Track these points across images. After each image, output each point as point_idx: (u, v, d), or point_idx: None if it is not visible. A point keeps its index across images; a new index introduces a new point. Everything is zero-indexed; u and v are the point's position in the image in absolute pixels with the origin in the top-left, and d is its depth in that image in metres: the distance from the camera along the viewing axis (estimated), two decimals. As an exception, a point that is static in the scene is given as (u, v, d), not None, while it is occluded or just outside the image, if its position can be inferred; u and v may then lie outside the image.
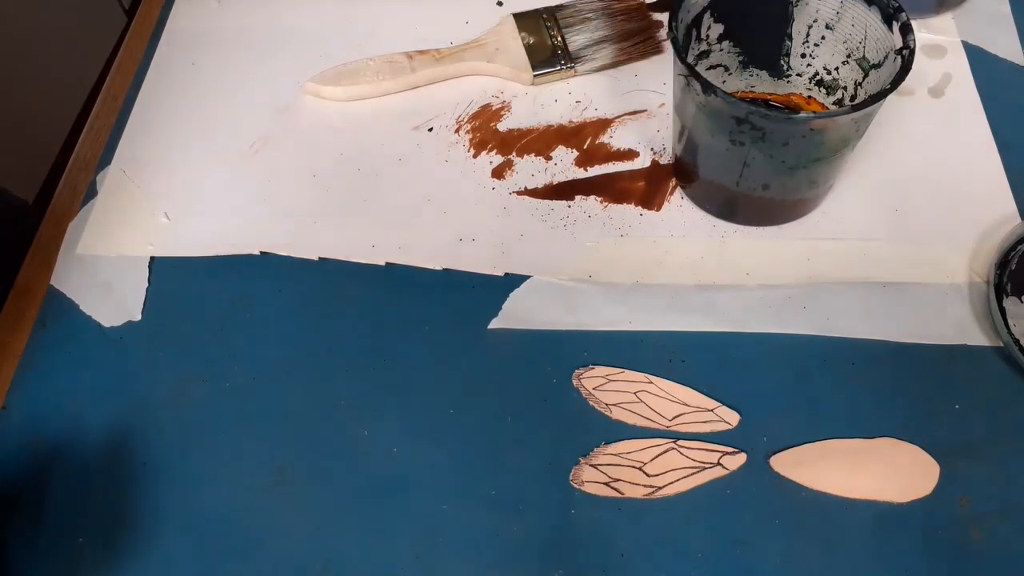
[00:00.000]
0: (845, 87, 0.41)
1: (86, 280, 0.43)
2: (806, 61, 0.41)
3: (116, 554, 0.36)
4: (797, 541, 0.35)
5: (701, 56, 0.41)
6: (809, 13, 0.39)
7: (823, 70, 0.41)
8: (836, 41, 0.40)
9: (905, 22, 0.36)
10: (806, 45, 0.40)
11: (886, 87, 0.34)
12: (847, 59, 0.40)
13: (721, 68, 0.42)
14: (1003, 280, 0.39)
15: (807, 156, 0.37)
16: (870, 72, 0.38)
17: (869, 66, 0.38)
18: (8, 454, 0.38)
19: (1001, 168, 0.44)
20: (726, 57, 0.41)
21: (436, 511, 0.36)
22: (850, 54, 0.39)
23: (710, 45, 0.40)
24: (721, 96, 0.34)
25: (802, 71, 0.42)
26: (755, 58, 0.42)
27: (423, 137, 0.47)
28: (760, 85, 0.43)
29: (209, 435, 0.39)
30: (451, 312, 0.41)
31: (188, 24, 0.53)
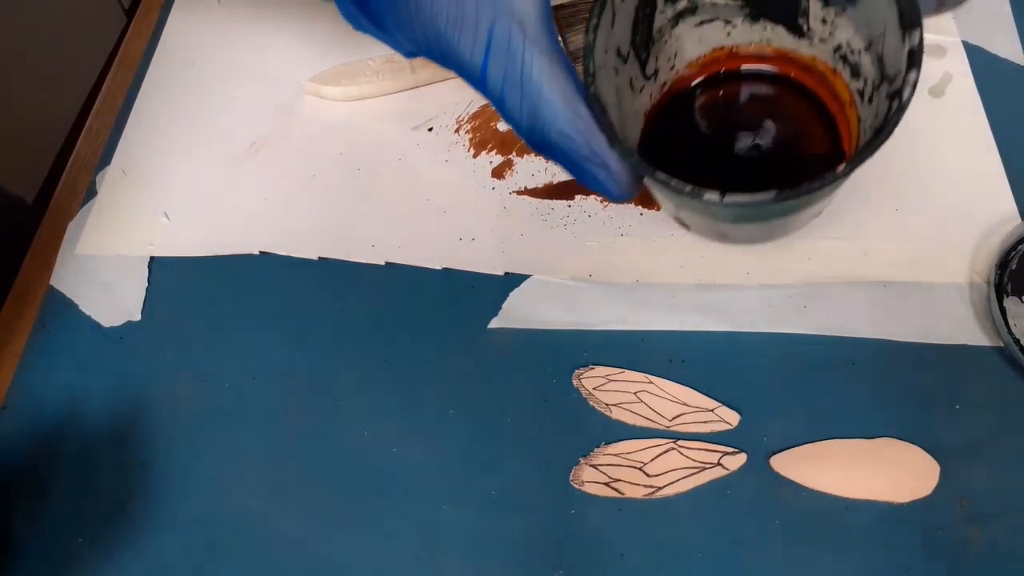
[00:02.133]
0: (866, 80, 0.33)
1: (86, 280, 0.43)
2: (828, 28, 0.34)
3: (116, 554, 0.36)
4: (797, 541, 0.35)
5: (683, 15, 0.34)
6: None
7: (846, 46, 0.34)
8: (857, 20, 0.32)
9: (915, 47, 0.28)
10: (826, 10, 0.33)
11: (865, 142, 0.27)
12: (868, 47, 0.32)
13: (721, 21, 0.35)
14: (1003, 280, 0.39)
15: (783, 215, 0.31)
16: (883, 84, 0.31)
17: (883, 75, 0.31)
18: (8, 454, 0.38)
19: (1001, 168, 0.44)
20: (724, 11, 0.35)
21: (436, 511, 0.36)
22: (871, 43, 0.32)
23: (693, 2, 0.34)
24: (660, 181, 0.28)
25: (825, 37, 0.34)
26: (766, 12, 0.35)
27: (423, 137, 0.47)
28: (778, 40, 0.36)
29: (209, 435, 0.39)
30: (451, 312, 0.41)
31: (188, 24, 0.53)
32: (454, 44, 0.28)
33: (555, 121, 0.28)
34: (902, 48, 0.29)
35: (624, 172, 0.28)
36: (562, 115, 0.28)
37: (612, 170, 0.28)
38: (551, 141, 0.28)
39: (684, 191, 0.27)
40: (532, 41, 0.27)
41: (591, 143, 0.28)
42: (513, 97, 0.28)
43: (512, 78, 0.28)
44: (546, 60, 0.28)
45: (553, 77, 0.28)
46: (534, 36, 0.27)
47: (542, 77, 0.27)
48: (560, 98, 0.28)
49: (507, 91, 0.28)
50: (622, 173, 0.28)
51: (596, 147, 0.28)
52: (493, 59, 0.28)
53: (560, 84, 0.28)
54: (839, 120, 0.35)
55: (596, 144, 0.28)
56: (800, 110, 0.36)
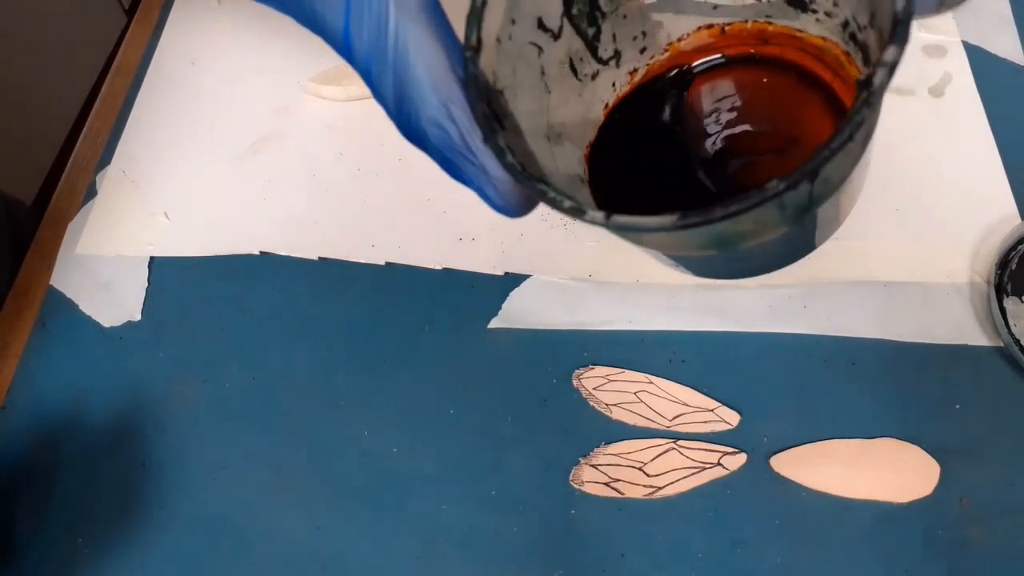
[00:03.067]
0: (872, 60, 0.23)
1: (86, 280, 0.43)
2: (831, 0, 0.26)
3: (116, 554, 0.36)
4: (797, 541, 0.35)
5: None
6: None
7: (853, 21, 0.25)
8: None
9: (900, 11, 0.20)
10: None
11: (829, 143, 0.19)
12: (872, 20, 0.24)
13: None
14: (1003, 280, 0.39)
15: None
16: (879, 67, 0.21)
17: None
18: (8, 454, 0.38)
19: (1001, 168, 0.44)
20: None
21: (436, 511, 0.36)
22: (873, 15, 0.23)
23: None
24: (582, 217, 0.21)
25: (830, 10, 0.26)
26: None
27: (423, 137, 0.47)
28: (779, 15, 0.27)
29: (209, 435, 0.39)
30: (451, 312, 0.41)
31: (188, 24, 0.53)
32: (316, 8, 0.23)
33: (424, 104, 0.23)
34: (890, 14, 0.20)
35: (508, 180, 0.23)
36: (431, 97, 0.22)
37: (491, 174, 0.23)
38: (420, 129, 0.23)
39: (563, 207, 0.21)
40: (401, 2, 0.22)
41: (466, 136, 0.23)
42: (380, 70, 0.23)
43: (379, 44, 0.22)
44: (416, 25, 0.22)
45: (423, 47, 0.22)
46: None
47: (409, 46, 0.22)
48: (429, 75, 0.22)
49: (374, 63, 0.23)
50: (505, 180, 0.23)
51: (472, 142, 0.23)
52: (354, 21, 0.23)
53: (432, 56, 0.22)
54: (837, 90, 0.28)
55: (472, 139, 0.23)
56: (809, 109, 0.28)
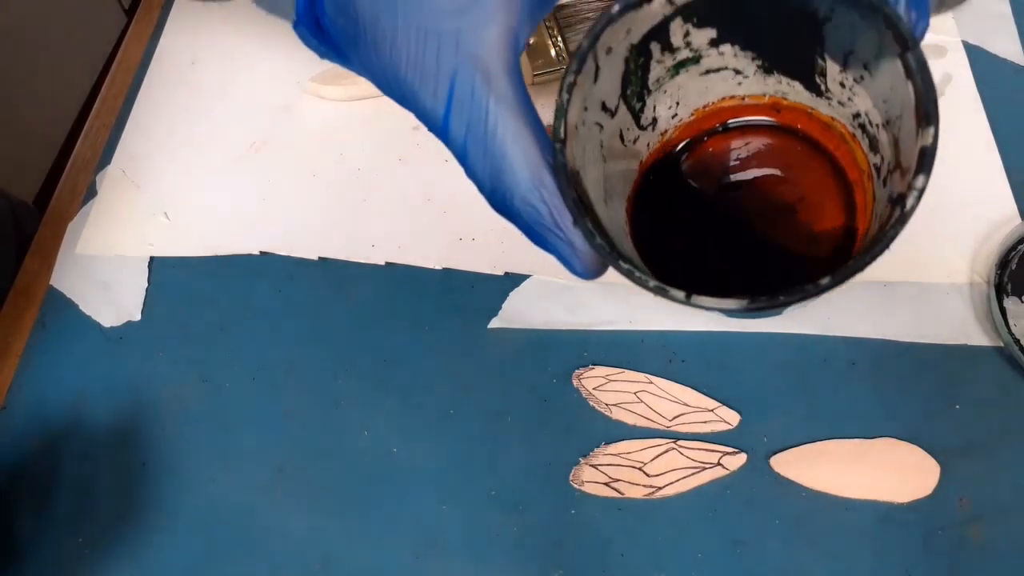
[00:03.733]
0: (883, 158, 0.28)
1: (86, 280, 0.43)
2: (846, 93, 0.29)
3: (116, 554, 0.36)
4: (797, 541, 0.35)
5: (684, 64, 0.30)
6: (841, 40, 0.27)
7: (865, 116, 0.29)
8: (874, 94, 0.28)
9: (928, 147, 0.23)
10: (844, 75, 0.29)
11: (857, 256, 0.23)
12: (886, 124, 0.28)
13: (731, 71, 0.31)
14: (1003, 280, 0.39)
15: None
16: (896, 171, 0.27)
17: (897, 161, 0.27)
18: (8, 454, 0.38)
19: (1001, 168, 0.44)
20: (734, 61, 0.31)
21: (436, 511, 0.36)
22: (888, 121, 0.27)
23: (696, 52, 0.30)
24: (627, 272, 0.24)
25: (844, 101, 0.30)
26: (780, 67, 0.31)
27: (423, 137, 0.47)
28: (794, 95, 0.31)
29: (209, 435, 0.39)
30: (451, 312, 0.41)
31: (188, 24, 0.53)
32: (415, 90, 0.26)
33: (517, 187, 0.25)
34: (915, 143, 0.24)
35: (588, 250, 0.25)
36: (525, 182, 0.25)
37: (577, 247, 0.25)
38: (514, 208, 0.26)
39: (648, 285, 0.24)
40: (497, 95, 0.25)
41: (556, 215, 0.25)
42: (476, 154, 0.25)
43: (476, 134, 0.25)
44: (511, 117, 0.25)
45: (518, 137, 0.25)
46: (499, 90, 0.25)
47: (507, 136, 0.25)
48: (524, 162, 0.25)
49: (470, 147, 0.25)
50: (587, 251, 0.25)
51: (561, 220, 0.25)
52: (455, 111, 0.25)
53: (526, 146, 0.25)
54: (856, 189, 0.31)
55: (561, 217, 0.25)
56: (816, 171, 0.32)
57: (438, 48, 0.25)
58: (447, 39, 0.25)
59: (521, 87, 0.26)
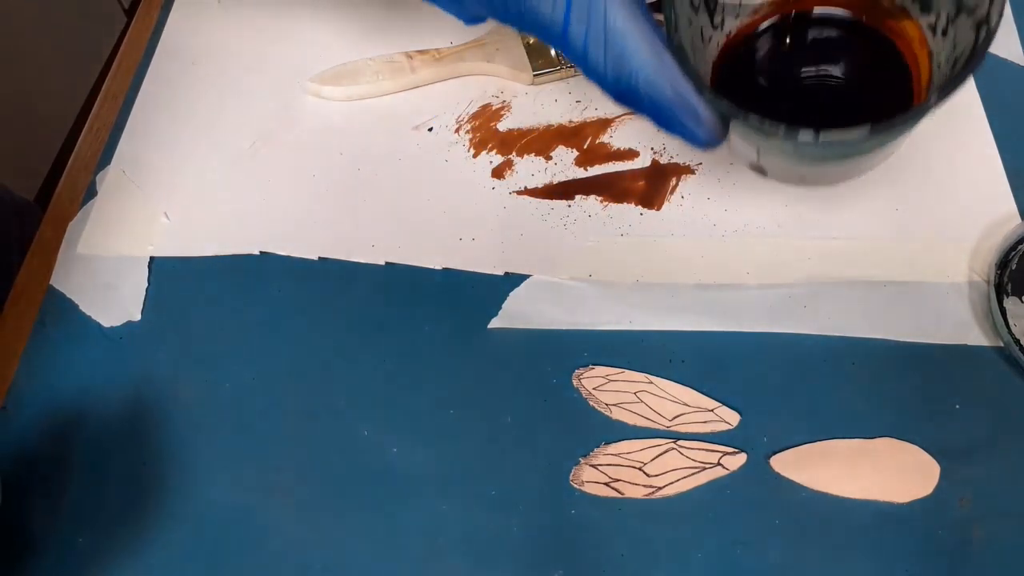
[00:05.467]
0: (939, 12, 0.31)
1: (86, 280, 0.43)
2: None
3: (116, 553, 0.36)
4: (797, 541, 0.35)
5: None
6: None
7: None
8: None
9: None
10: None
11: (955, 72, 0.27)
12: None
13: None
14: (1003, 280, 0.39)
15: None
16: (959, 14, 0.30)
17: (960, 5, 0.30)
18: (8, 454, 0.38)
19: (1001, 168, 0.44)
20: None
21: (436, 511, 0.36)
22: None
23: None
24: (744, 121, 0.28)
25: None
26: None
27: (423, 137, 0.47)
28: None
29: (209, 435, 0.39)
30: (451, 312, 0.41)
31: (188, 24, 0.53)
32: (535, 7, 0.29)
33: (642, 70, 0.28)
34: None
35: (712, 118, 0.29)
36: (648, 64, 0.28)
37: (701, 116, 0.29)
38: (638, 91, 0.29)
39: (777, 132, 0.27)
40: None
41: (679, 90, 0.28)
42: (596, 50, 0.28)
43: (595, 32, 0.28)
44: (625, 9, 0.28)
45: (635, 27, 0.28)
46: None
47: (625, 27, 0.28)
48: (645, 47, 0.28)
49: (590, 45, 0.28)
50: (710, 119, 0.29)
51: (684, 94, 0.28)
52: (575, 16, 0.28)
53: (643, 33, 0.28)
54: (909, 60, 0.35)
55: (684, 91, 0.28)
56: (868, 51, 0.36)
57: None
58: None
59: None
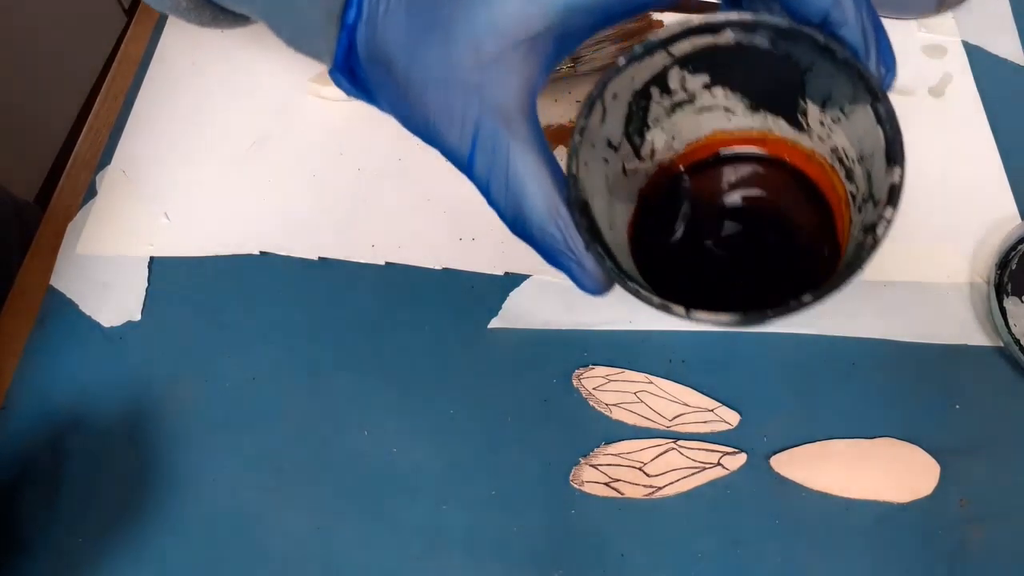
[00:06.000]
0: (858, 187, 0.32)
1: (86, 280, 0.43)
2: (825, 130, 0.33)
3: (116, 553, 0.36)
4: (797, 541, 0.35)
5: (680, 104, 0.34)
6: (820, 87, 0.31)
7: (842, 151, 0.33)
8: (850, 133, 0.32)
9: (896, 184, 0.27)
10: (823, 115, 0.32)
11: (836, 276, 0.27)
12: (860, 160, 0.32)
13: (721, 109, 0.35)
14: (1003, 280, 0.39)
15: None
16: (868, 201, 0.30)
17: (871, 192, 0.30)
18: (8, 454, 0.38)
19: (1001, 168, 0.44)
20: (725, 101, 0.34)
21: (436, 511, 0.36)
22: (863, 157, 0.31)
23: (691, 94, 0.34)
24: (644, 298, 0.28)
25: (823, 137, 0.33)
26: (766, 105, 0.34)
27: (423, 137, 0.47)
28: (779, 130, 0.35)
29: (209, 435, 0.39)
30: (451, 312, 0.41)
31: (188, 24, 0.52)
32: (442, 133, 0.29)
33: (535, 218, 0.29)
34: (885, 180, 0.28)
35: (597, 271, 0.29)
36: (542, 213, 0.28)
37: (587, 268, 0.29)
38: (533, 235, 0.29)
39: (653, 303, 0.28)
40: (517, 139, 0.28)
41: (569, 241, 0.29)
42: (498, 189, 0.29)
43: (498, 172, 0.28)
44: (530, 157, 0.28)
45: (536, 175, 0.28)
46: (519, 134, 0.28)
47: (526, 175, 0.28)
48: (541, 196, 0.28)
49: (492, 183, 0.29)
50: (596, 271, 0.29)
51: (574, 245, 0.29)
52: (479, 153, 0.28)
53: (542, 182, 0.28)
54: (836, 212, 0.35)
55: (575, 242, 0.29)
56: (798, 195, 0.36)
57: (463, 98, 0.28)
58: (471, 91, 0.28)
59: (537, 130, 0.29)
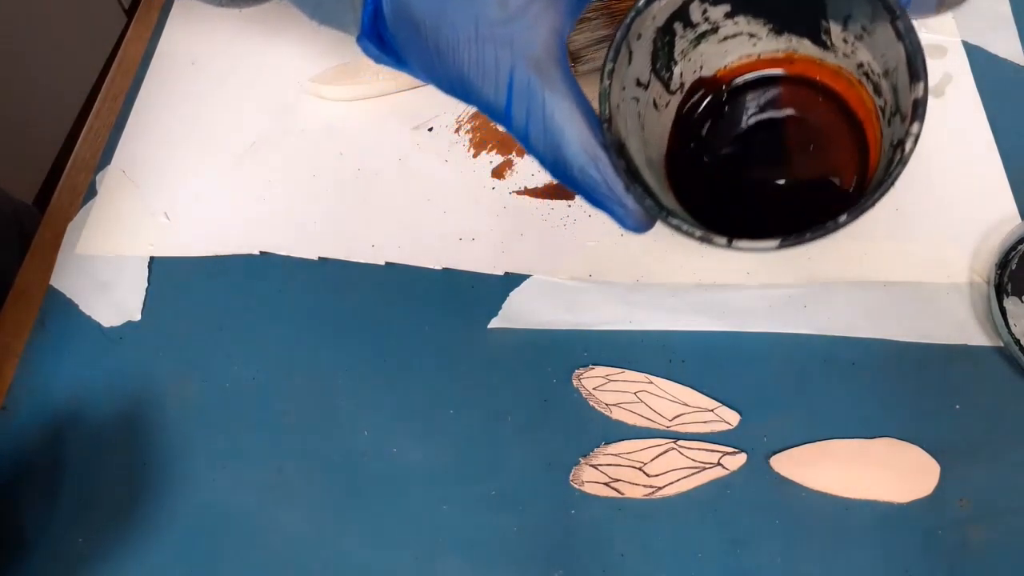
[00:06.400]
0: (886, 101, 0.33)
1: (86, 280, 0.43)
2: (849, 47, 0.34)
3: (117, 553, 0.36)
4: (797, 541, 0.35)
5: (705, 35, 0.34)
6: (841, 7, 0.32)
7: (868, 66, 0.33)
8: (873, 49, 0.32)
9: (919, 99, 0.28)
10: (845, 33, 0.33)
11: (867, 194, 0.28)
12: (885, 75, 0.32)
13: (745, 36, 0.35)
14: (1003, 280, 0.39)
15: None
16: (896, 115, 0.31)
17: (897, 106, 0.31)
18: (8, 454, 0.38)
19: (1001, 168, 0.44)
20: (748, 27, 0.35)
21: (436, 511, 0.36)
22: (887, 72, 0.32)
23: (714, 24, 0.34)
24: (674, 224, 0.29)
25: (848, 54, 0.34)
26: (790, 27, 0.35)
27: (423, 137, 0.47)
28: (804, 50, 0.35)
29: (209, 435, 0.39)
30: (451, 312, 0.41)
31: (188, 24, 0.53)
32: (477, 88, 0.30)
33: (575, 161, 0.29)
34: (909, 94, 0.29)
35: (638, 209, 0.30)
36: (581, 157, 0.29)
37: (628, 208, 0.30)
38: (573, 178, 0.30)
39: (694, 236, 0.29)
40: (550, 86, 0.28)
41: (609, 181, 0.29)
42: (537, 135, 0.29)
43: (535, 118, 0.29)
44: (565, 104, 0.29)
45: (571, 119, 0.29)
46: (551, 81, 0.28)
47: (563, 120, 0.29)
48: (578, 140, 0.29)
49: (531, 130, 0.29)
50: (638, 210, 0.30)
51: (614, 186, 0.29)
52: (516, 102, 0.29)
53: (578, 126, 0.29)
54: (867, 125, 0.35)
55: (615, 183, 0.29)
56: (829, 113, 0.36)
57: (495, 52, 0.29)
58: (502, 43, 0.28)
59: (569, 76, 0.29)
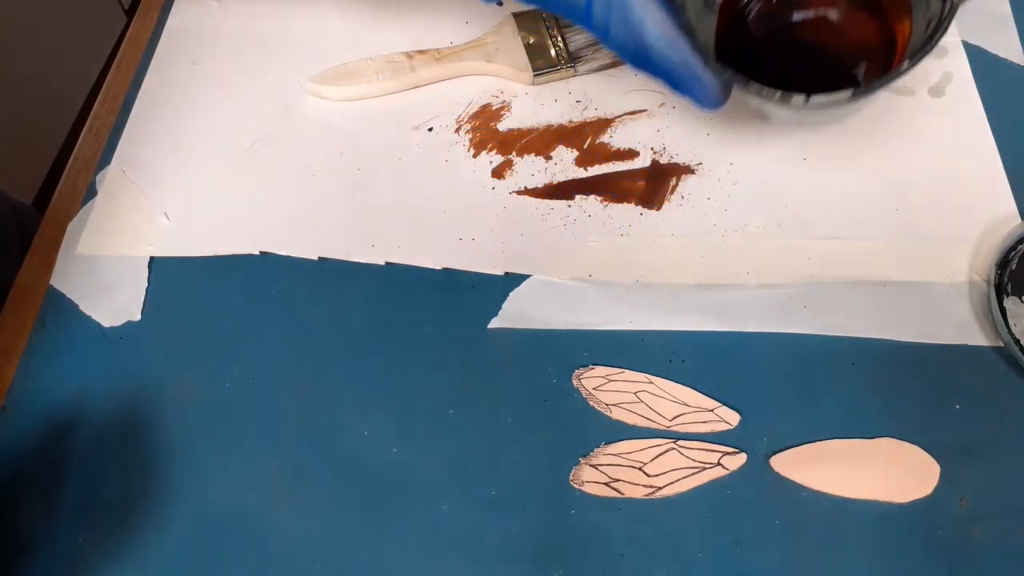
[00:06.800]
0: None
1: (86, 280, 0.43)
2: None
3: (117, 553, 0.36)
4: (797, 541, 0.35)
5: None
6: None
7: None
8: None
9: None
10: None
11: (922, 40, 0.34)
12: None
13: None
14: (1003, 280, 0.39)
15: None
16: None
17: None
18: (9, 454, 0.38)
19: (1001, 168, 0.44)
20: None
21: (436, 511, 0.36)
22: None
23: None
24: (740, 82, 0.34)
25: None
26: None
27: (423, 137, 0.47)
28: None
29: (209, 435, 0.39)
30: (451, 312, 0.41)
31: (188, 24, 0.53)
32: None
33: (655, 46, 0.34)
34: None
35: (716, 84, 0.35)
36: (661, 41, 0.33)
37: (705, 83, 0.34)
38: (652, 61, 0.34)
39: (774, 97, 0.34)
40: None
41: (686, 61, 0.34)
42: (617, 29, 0.34)
43: (616, 13, 0.33)
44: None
45: (649, 9, 0.33)
46: None
47: (642, 10, 0.33)
48: (658, 27, 0.33)
49: (611, 23, 0.34)
50: (714, 85, 0.35)
51: (691, 64, 0.34)
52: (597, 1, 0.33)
53: (656, 15, 0.33)
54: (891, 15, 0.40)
55: (691, 62, 0.34)
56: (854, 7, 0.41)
57: None
58: None
59: None
